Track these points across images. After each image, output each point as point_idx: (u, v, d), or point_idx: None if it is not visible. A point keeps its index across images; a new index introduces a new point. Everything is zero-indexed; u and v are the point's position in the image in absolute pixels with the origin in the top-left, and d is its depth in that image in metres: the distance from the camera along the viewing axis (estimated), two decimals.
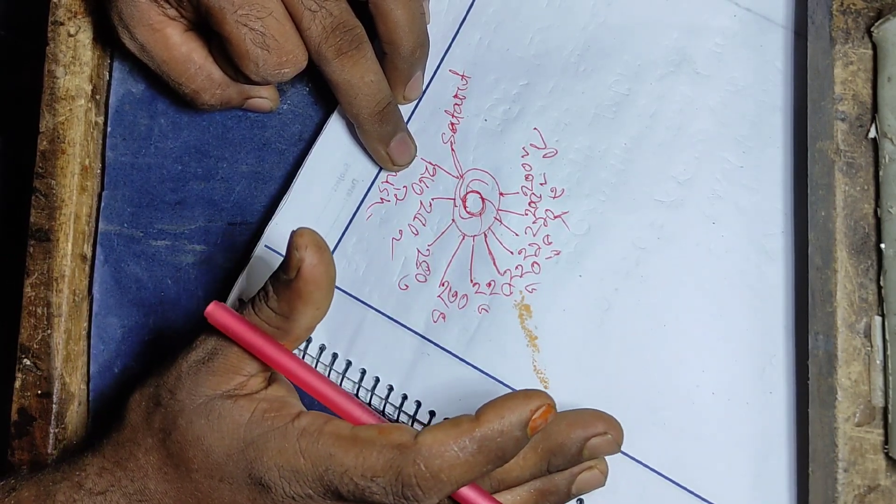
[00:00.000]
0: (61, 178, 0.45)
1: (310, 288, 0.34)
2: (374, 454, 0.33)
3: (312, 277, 0.34)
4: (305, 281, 0.34)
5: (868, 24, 0.38)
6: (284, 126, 0.46)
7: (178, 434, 0.35)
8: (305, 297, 0.34)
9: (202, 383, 0.35)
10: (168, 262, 0.46)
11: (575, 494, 0.38)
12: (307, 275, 0.34)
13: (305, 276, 0.34)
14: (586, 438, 0.37)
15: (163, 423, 0.35)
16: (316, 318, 0.36)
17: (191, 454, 0.35)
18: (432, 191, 0.44)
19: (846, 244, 0.37)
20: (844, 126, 0.38)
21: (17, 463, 0.43)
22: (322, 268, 0.34)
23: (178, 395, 0.35)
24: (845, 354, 0.37)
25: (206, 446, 0.34)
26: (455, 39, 0.45)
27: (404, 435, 0.33)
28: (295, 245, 0.34)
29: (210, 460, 0.34)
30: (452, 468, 0.32)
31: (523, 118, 0.43)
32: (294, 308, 0.35)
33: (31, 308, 0.44)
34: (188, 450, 0.35)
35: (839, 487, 0.36)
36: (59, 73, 0.45)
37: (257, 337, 0.35)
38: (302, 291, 0.34)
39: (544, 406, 0.33)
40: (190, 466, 0.35)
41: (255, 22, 0.38)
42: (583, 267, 0.42)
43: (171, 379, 0.36)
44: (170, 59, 0.42)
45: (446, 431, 0.33)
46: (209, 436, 0.34)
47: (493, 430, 0.33)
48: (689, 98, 0.43)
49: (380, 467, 0.32)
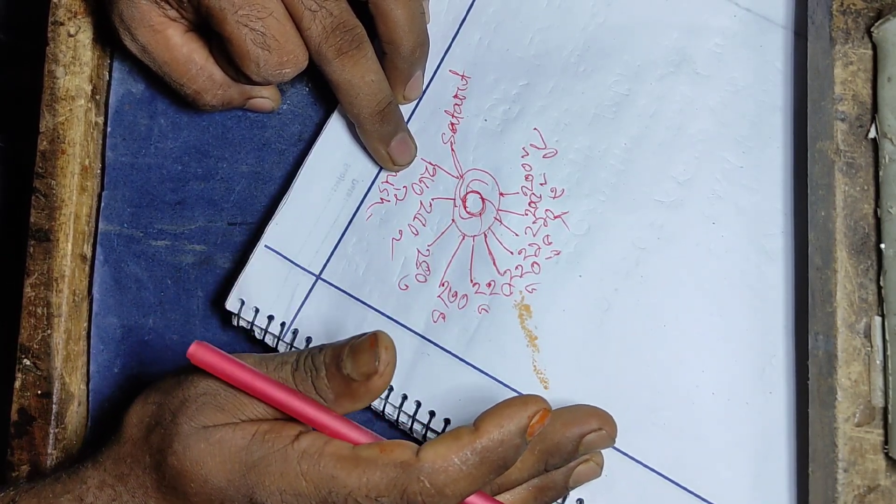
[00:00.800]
0: (61, 179, 0.45)
1: (367, 398, 0.34)
2: (378, 473, 0.32)
3: (377, 390, 0.34)
4: (369, 391, 0.34)
5: (868, 24, 0.38)
6: (284, 126, 0.46)
7: (175, 458, 0.34)
8: (357, 400, 0.34)
9: (206, 414, 0.35)
10: (168, 262, 0.46)
11: (572, 487, 0.38)
12: (374, 388, 0.34)
13: (372, 388, 0.34)
14: (581, 436, 0.37)
15: (161, 443, 0.35)
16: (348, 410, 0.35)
17: (186, 480, 0.34)
18: (432, 191, 0.44)
19: (846, 244, 0.37)
20: (844, 126, 0.38)
21: (16, 463, 0.43)
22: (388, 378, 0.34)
23: (180, 418, 0.35)
24: (845, 354, 0.37)
25: (205, 472, 0.34)
26: (455, 39, 0.45)
27: (406, 452, 0.33)
28: (378, 354, 0.33)
29: (208, 486, 0.34)
30: (456, 482, 0.32)
31: (523, 118, 0.43)
32: (338, 403, 0.34)
33: (31, 308, 0.44)
34: (183, 476, 0.34)
35: (839, 487, 0.36)
36: (59, 73, 0.45)
37: (244, 374, 0.34)
38: (359, 396, 0.34)
39: (541, 411, 0.33)
40: (187, 492, 0.34)
41: (256, 22, 0.38)
42: (583, 267, 0.42)
43: (175, 401, 0.35)
44: (171, 60, 0.42)
45: (447, 445, 0.32)
46: (208, 461, 0.34)
47: (494, 441, 0.32)
48: (689, 98, 0.43)
49: (384, 486, 0.32)
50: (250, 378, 0.34)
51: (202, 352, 0.34)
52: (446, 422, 0.41)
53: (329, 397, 0.34)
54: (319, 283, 0.43)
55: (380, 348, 0.33)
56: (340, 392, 0.34)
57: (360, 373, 0.33)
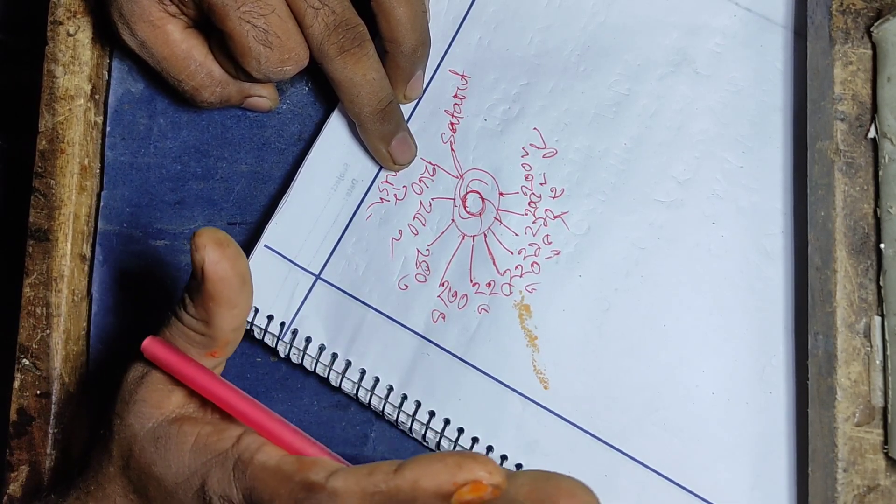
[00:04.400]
0: (60, 178, 0.44)
1: (218, 287, 0.33)
2: (287, 490, 0.31)
3: (217, 276, 0.32)
4: (212, 281, 0.32)
5: (868, 24, 0.38)
6: (284, 126, 0.46)
7: (134, 461, 0.34)
8: (217, 297, 0.33)
9: (144, 401, 0.35)
10: (168, 262, 0.46)
11: None
12: (211, 274, 0.32)
13: (210, 276, 0.32)
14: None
15: (120, 450, 0.35)
16: (237, 316, 0.34)
17: (146, 481, 0.34)
18: (432, 191, 0.44)
19: (846, 244, 0.38)
20: (844, 126, 0.38)
21: (15, 463, 0.43)
22: (226, 264, 0.32)
23: (127, 419, 0.35)
24: (845, 354, 0.37)
25: (158, 474, 0.34)
26: (455, 39, 0.45)
27: (319, 473, 0.31)
28: (194, 246, 0.32)
29: (162, 488, 0.34)
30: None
31: (523, 118, 0.43)
32: (210, 312, 0.33)
33: (30, 308, 0.44)
34: (143, 478, 0.34)
35: (839, 487, 0.36)
36: (59, 72, 0.45)
37: (189, 368, 0.34)
38: (212, 293, 0.33)
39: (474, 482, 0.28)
40: (148, 494, 0.34)
41: (258, 19, 0.38)
42: (583, 267, 0.42)
43: (116, 405, 0.36)
44: (170, 55, 0.42)
45: (359, 479, 0.30)
46: (158, 463, 0.34)
47: (404, 492, 0.29)
48: (689, 98, 0.43)
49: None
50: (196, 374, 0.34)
51: (154, 346, 0.34)
52: (446, 422, 0.41)
53: (202, 315, 0.34)
54: (319, 283, 0.43)
55: (194, 239, 0.32)
56: (202, 302, 0.33)
57: (195, 271, 0.32)
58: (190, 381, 0.34)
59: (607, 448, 0.41)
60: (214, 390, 0.34)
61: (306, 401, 0.45)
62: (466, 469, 0.28)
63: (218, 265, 0.32)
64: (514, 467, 0.41)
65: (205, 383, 0.34)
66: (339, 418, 0.44)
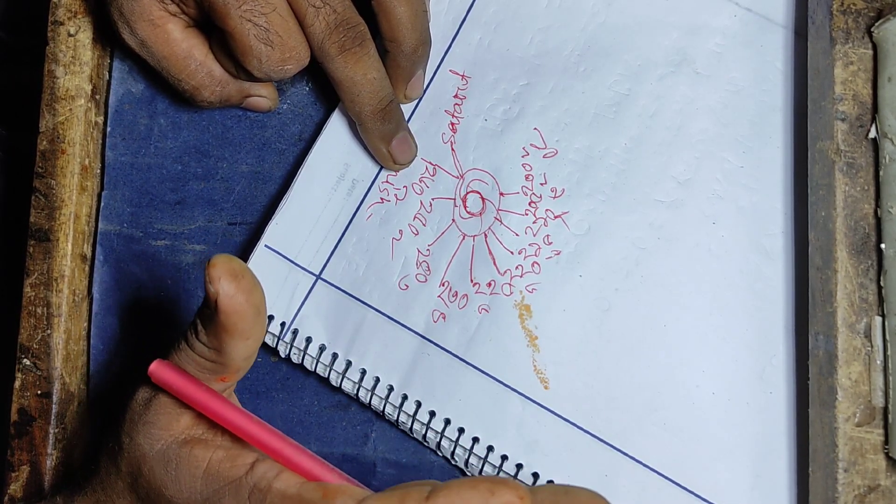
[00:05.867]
0: (61, 178, 0.44)
1: (232, 320, 0.32)
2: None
3: (232, 309, 0.32)
4: (226, 314, 0.32)
5: (868, 24, 0.38)
6: (284, 126, 0.46)
7: (143, 480, 0.34)
8: (231, 329, 0.32)
9: (153, 424, 0.34)
10: (168, 262, 0.46)
11: None
12: (226, 307, 0.31)
13: (224, 308, 0.31)
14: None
15: (129, 467, 0.35)
16: (249, 347, 0.33)
17: (157, 501, 0.34)
18: (432, 191, 0.44)
19: (846, 244, 0.38)
20: (844, 126, 0.38)
21: (16, 463, 0.43)
22: (241, 297, 0.32)
23: (136, 438, 0.35)
24: (845, 354, 0.37)
25: (169, 496, 0.34)
26: (455, 39, 0.45)
27: (347, 502, 0.31)
28: (208, 278, 0.31)
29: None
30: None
31: (523, 118, 0.43)
32: (223, 342, 0.33)
33: (30, 308, 0.44)
34: (154, 497, 0.34)
35: (839, 487, 0.36)
36: (59, 72, 0.45)
37: (200, 393, 0.33)
38: (226, 325, 0.32)
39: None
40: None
41: (259, 18, 0.38)
42: (583, 267, 0.42)
43: (125, 423, 0.35)
44: (170, 55, 0.42)
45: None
46: (170, 486, 0.34)
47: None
48: (689, 98, 0.43)
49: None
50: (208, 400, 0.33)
51: (162, 370, 0.34)
52: (446, 422, 0.41)
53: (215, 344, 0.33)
54: (319, 283, 0.43)
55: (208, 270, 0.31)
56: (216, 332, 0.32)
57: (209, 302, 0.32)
58: (202, 407, 0.34)
59: (607, 448, 0.41)
60: (228, 416, 0.33)
61: (307, 401, 0.45)
62: (499, 495, 0.29)
63: (233, 298, 0.31)
64: (514, 467, 0.41)
65: (217, 409, 0.33)
66: (340, 418, 0.44)
